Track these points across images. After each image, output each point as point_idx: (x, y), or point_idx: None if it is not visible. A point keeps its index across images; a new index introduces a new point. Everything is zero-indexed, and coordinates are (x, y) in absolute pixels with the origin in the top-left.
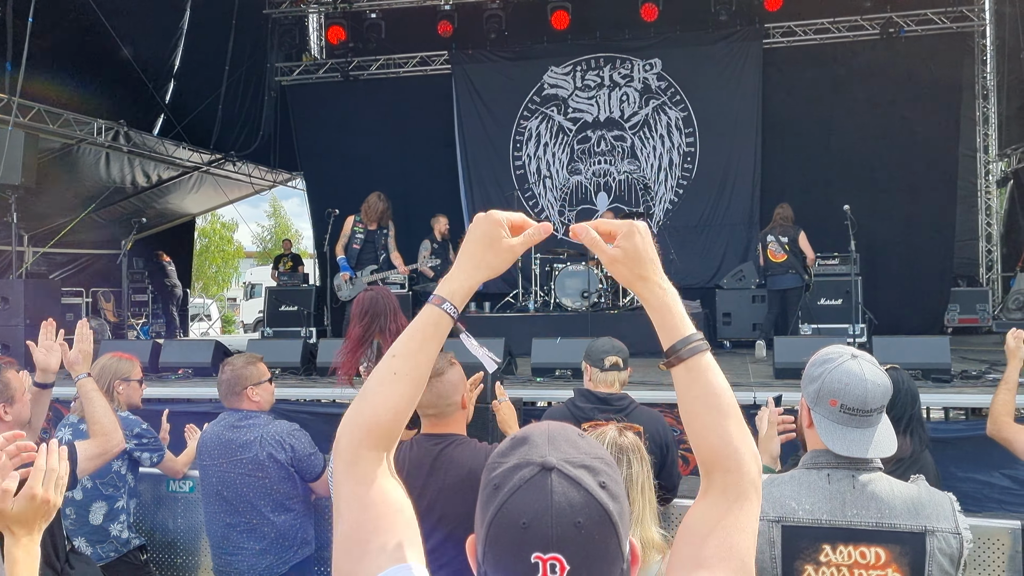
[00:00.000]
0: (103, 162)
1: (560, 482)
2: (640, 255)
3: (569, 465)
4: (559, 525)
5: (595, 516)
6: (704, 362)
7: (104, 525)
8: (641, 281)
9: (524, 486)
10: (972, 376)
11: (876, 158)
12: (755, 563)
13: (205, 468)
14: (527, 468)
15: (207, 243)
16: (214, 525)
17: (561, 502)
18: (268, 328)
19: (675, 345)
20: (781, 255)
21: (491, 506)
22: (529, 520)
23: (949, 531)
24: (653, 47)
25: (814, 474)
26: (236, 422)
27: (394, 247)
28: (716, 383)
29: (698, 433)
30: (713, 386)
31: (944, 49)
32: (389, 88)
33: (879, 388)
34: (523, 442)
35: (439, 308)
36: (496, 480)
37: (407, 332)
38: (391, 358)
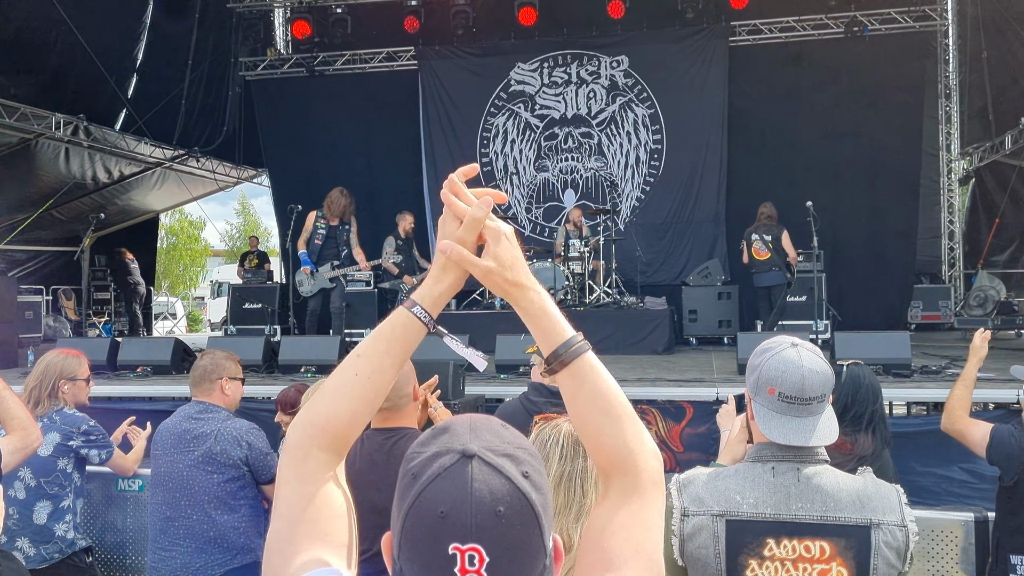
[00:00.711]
0: (62, 157)
1: (481, 469)
2: (513, 260)
3: (491, 453)
4: (479, 514)
5: (517, 506)
6: (589, 363)
7: (49, 525)
8: (516, 288)
9: (443, 474)
10: (932, 371)
11: (840, 156)
12: (699, 558)
13: (156, 458)
14: (447, 456)
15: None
16: (155, 518)
17: (481, 490)
18: (231, 326)
19: (557, 350)
20: (765, 253)
21: (408, 496)
22: (447, 509)
23: (895, 524)
24: (620, 44)
25: (759, 467)
26: (196, 414)
27: (356, 243)
28: (604, 383)
29: (592, 437)
30: (601, 387)
31: (907, 48)
32: (355, 84)
33: (817, 376)
34: (444, 431)
35: (408, 311)
36: (414, 469)
37: (374, 333)
38: (356, 358)
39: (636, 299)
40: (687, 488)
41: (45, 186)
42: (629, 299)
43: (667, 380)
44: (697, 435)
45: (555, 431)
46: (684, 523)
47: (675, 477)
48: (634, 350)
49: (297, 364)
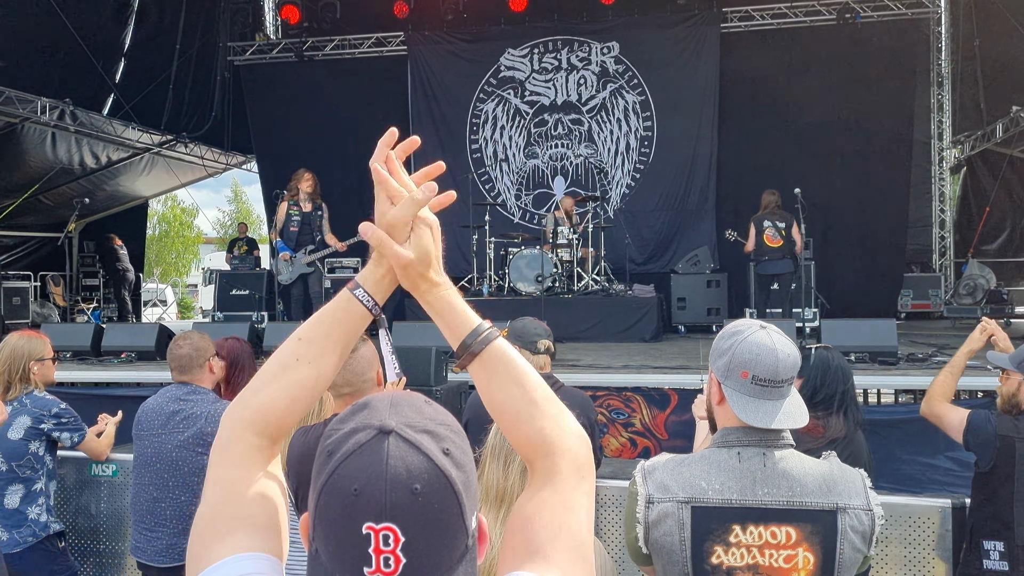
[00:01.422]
0: (49, 142)
1: (398, 446)
2: (431, 255)
3: (409, 429)
4: (394, 491)
5: (435, 483)
6: (499, 350)
7: (21, 508)
8: (426, 283)
9: (358, 451)
10: (918, 359)
11: (831, 143)
12: (664, 546)
13: (141, 438)
14: (363, 432)
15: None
16: (140, 499)
17: (397, 467)
18: (219, 312)
19: (465, 341)
20: (778, 240)
21: (323, 473)
22: (361, 486)
23: (861, 508)
24: (611, 30)
25: (724, 453)
26: (183, 395)
27: (328, 228)
28: (516, 369)
29: (509, 424)
30: (513, 373)
31: (899, 36)
32: (344, 69)
33: (789, 358)
34: (363, 407)
35: (351, 293)
36: (330, 447)
37: (315, 315)
38: (296, 341)
39: (624, 287)
40: (652, 475)
41: (31, 171)
42: (617, 287)
43: (652, 367)
44: (682, 422)
45: None
46: (649, 510)
47: (640, 463)
48: (622, 338)
49: None
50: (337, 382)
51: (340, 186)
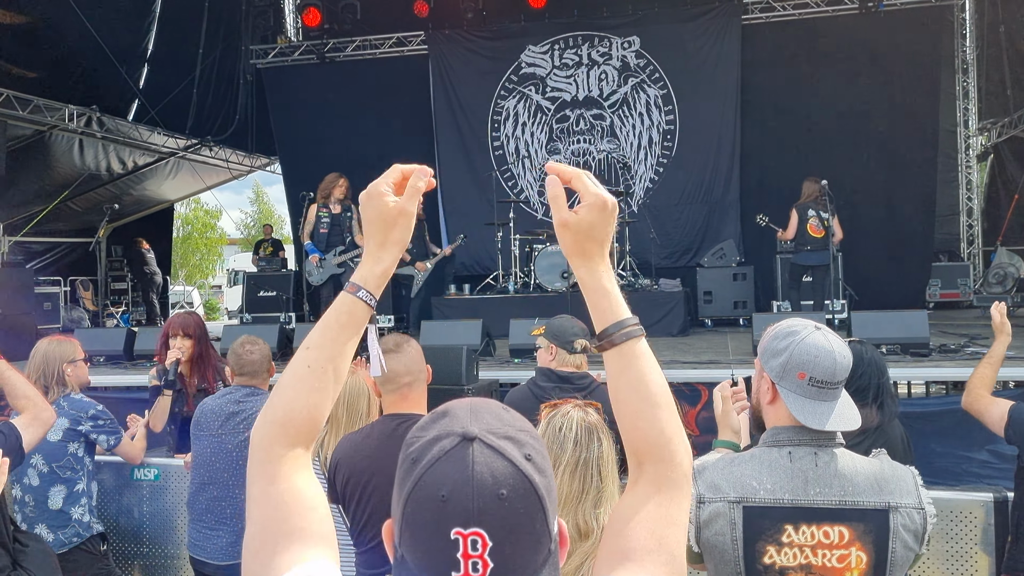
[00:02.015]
0: (76, 149)
1: (482, 452)
2: (592, 230)
3: (492, 435)
4: (481, 497)
5: (520, 488)
6: (638, 349)
7: (65, 509)
8: (581, 257)
9: (443, 457)
10: (951, 350)
11: (856, 133)
12: (716, 545)
13: (200, 439)
14: (447, 439)
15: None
16: (199, 498)
17: (483, 472)
18: (247, 314)
19: (607, 328)
20: (821, 231)
21: (408, 480)
22: (448, 492)
23: (912, 506)
24: (631, 24)
25: (775, 452)
26: (242, 397)
27: (358, 229)
28: (649, 371)
29: (629, 421)
30: (645, 374)
31: (923, 23)
32: (366, 70)
33: (845, 359)
34: (443, 415)
35: (354, 296)
36: (414, 454)
37: (321, 322)
38: (305, 350)
39: (650, 281)
40: (702, 474)
41: (60, 178)
42: (643, 281)
43: (682, 362)
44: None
45: (567, 419)
46: (700, 510)
47: None
48: (649, 333)
49: None
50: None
51: (362, 185)
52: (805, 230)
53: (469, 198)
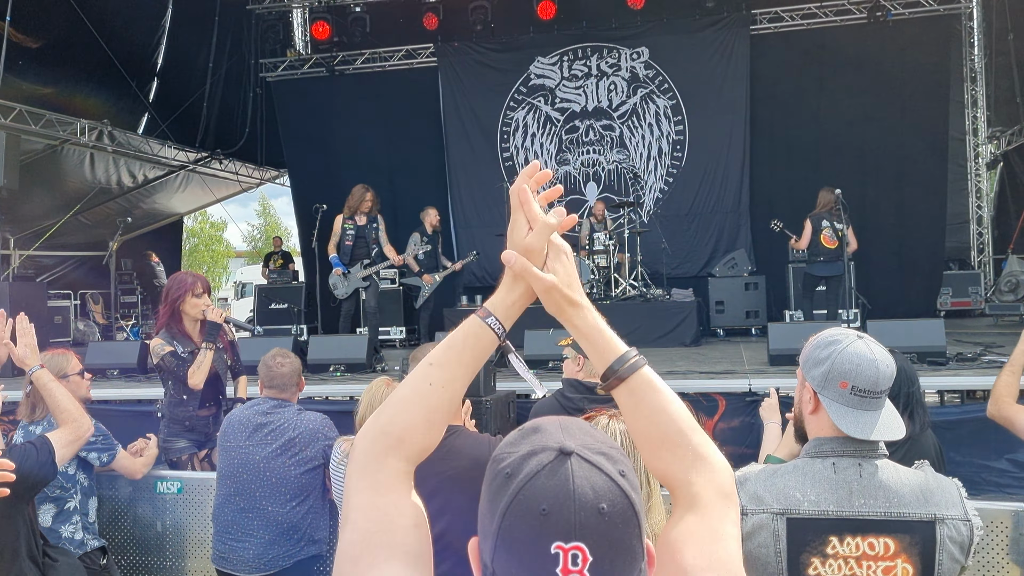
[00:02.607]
0: (87, 162)
1: (580, 466)
2: (571, 279)
3: (588, 451)
4: (582, 511)
5: (619, 504)
6: (646, 377)
7: (54, 527)
8: (573, 307)
9: (542, 471)
10: (968, 359)
11: (866, 143)
12: (759, 557)
13: (227, 449)
14: (543, 453)
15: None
16: (225, 509)
17: (583, 487)
18: (259, 326)
19: (612, 366)
20: (834, 242)
21: (504, 495)
22: (549, 506)
23: (959, 518)
24: (640, 36)
25: (818, 463)
26: (270, 409)
27: (386, 240)
28: (663, 397)
29: (652, 451)
30: (660, 402)
31: (931, 32)
32: (375, 82)
33: (889, 368)
34: (534, 431)
35: (482, 320)
36: (508, 469)
37: (447, 341)
38: (428, 366)
39: (663, 291)
40: (744, 486)
41: (71, 192)
42: (655, 291)
43: (698, 373)
44: (731, 428)
45: (608, 429)
46: (743, 522)
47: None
48: (662, 343)
49: (326, 363)
50: None
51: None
52: (819, 240)
53: (480, 209)
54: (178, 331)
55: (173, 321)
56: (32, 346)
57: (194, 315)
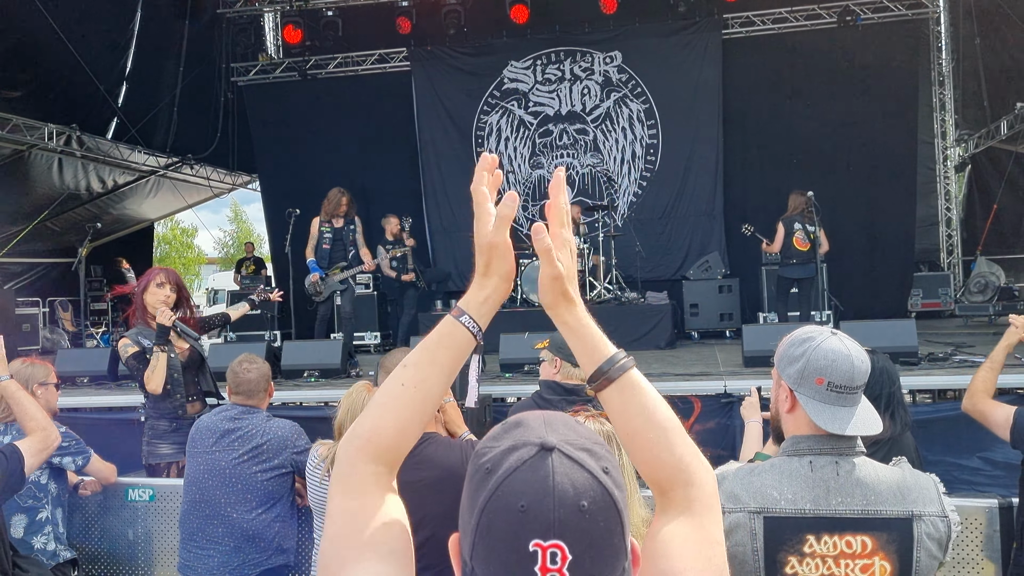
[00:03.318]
0: (56, 168)
1: (562, 462)
2: (573, 273)
3: (570, 446)
4: (562, 507)
5: (600, 501)
6: (635, 379)
7: (26, 539)
8: (566, 302)
9: (522, 467)
10: (939, 358)
11: (836, 146)
12: (736, 556)
13: (194, 455)
14: (524, 448)
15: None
16: (190, 516)
17: (564, 483)
18: (231, 332)
19: (601, 367)
20: (806, 244)
21: (483, 491)
22: (528, 503)
23: (936, 515)
24: (613, 40)
25: (795, 461)
26: (238, 415)
27: (363, 243)
28: (651, 399)
29: (645, 454)
30: (648, 403)
31: (900, 36)
32: (348, 86)
33: (864, 364)
34: (517, 425)
35: (456, 319)
36: (488, 464)
37: (421, 343)
38: (402, 368)
39: (637, 294)
40: (721, 484)
41: (39, 197)
42: (630, 295)
43: (673, 375)
44: (707, 430)
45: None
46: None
47: None
48: (637, 345)
49: (300, 369)
50: None
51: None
52: (791, 243)
53: (455, 212)
54: (146, 324)
55: (142, 314)
56: (1, 356)
57: (153, 304)
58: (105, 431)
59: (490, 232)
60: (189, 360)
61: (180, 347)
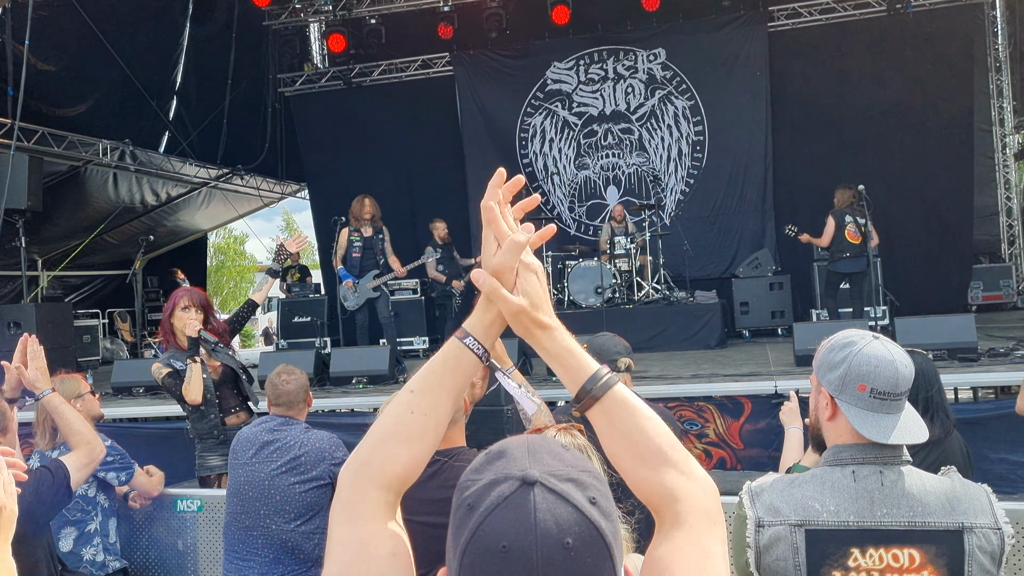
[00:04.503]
0: (111, 182)
1: (544, 498)
2: (541, 298)
3: (553, 478)
4: (545, 547)
5: (586, 536)
6: (619, 395)
7: (76, 551)
8: (542, 330)
9: (503, 504)
10: (1000, 354)
11: (889, 137)
12: (778, 572)
13: (235, 467)
14: (505, 483)
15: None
16: (232, 528)
17: (547, 520)
18: (282, 340)
19: (585, 386)
20: (859, 237)
21: (465, 529)
22: (510, 543)
23: (988, 526)
24: (656, 37)
25: (837, 472)
26: (277, 426)
27: (391, 251)
28: (638, 415)
29: (631, 473)
30: (636, 419)
31: (953, 22)
32: (392, 93)
33: (908, 369)
34: (499, 456)
35: (460, 342)
36: (470, 499)
37: (426, 367)
38: (408, 394)
39: (686, 294)
40: (760, 496)
41: (96, 211)
42: (679, 294)
43: (723, 375)
44: (757, 430)
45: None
46: (760, 534)
47: (746, 485)
48: (686, 345)
49: (349, 376)
50: None
51: (393, 209)
52: (843, 236)
53: None
54: (176, 347)
55: (171, 337)
56: (43, 369)
57: (180, 328)
58: (160, 441)
59: (497, 256)
60: (223, 377)
61: (211, 365)
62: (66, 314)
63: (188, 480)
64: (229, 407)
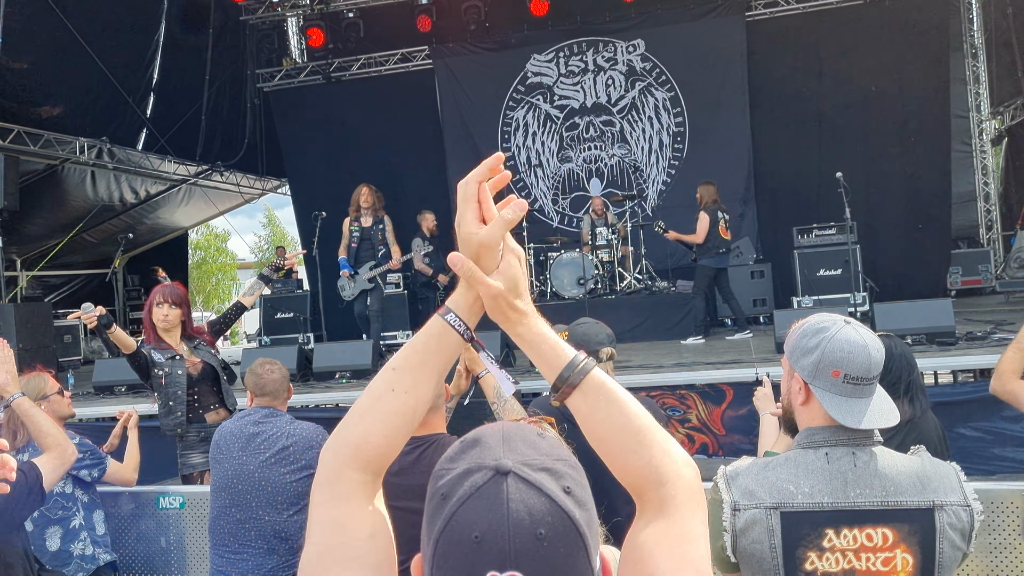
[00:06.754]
0: (89, 180)
1: (517, 488)
2: (519, 284)
3: (527, 468)
4: (517, 537)
5: (559, 526)
6: (597, 380)
7: (64, 548)
8: (518, 315)
9: (475, 494)
10: (977, 337)
11: (867, 125)
12: (754, 554)
13: (220, 461)
14: (479, 473)
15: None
16: (221, 522)
17: (519, 510)
18: (265, 336)
19: (562, 373)
20: (729, 233)
21: (438, 519)
22: (482, 533)
23: (958, 504)
24: (635, 28)
25: (811, 454)
26: (261, 418)
27: (393, 240)
28: (618, 398)
29: (617, 457)
30: (616, 403)
31: (930, 9)
32: (372, 87)
33: (879, 353)
34: (474, 444)
35: (442, 319)
36: (443, 489)
37: (408, 344)
38: (390, 371)
39: (668, 283)
40: (735, 480)
41: (74, 210)
42: (661, 284)
43: (704, 363)
44: (739, 417)
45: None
46: (736, 517)
47: (721, 469)
48: (670, 335)
49: (332, 371)
50: None
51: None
52: (717, 232)
53: None
54: (157, 344)
55: (152, 332)
56: (12, 373)
57: (158, 324)
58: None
59: (486, 231)
60: (202, 373)
61: (191, 361)
62: (46, 314)
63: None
64: (208, 404)
